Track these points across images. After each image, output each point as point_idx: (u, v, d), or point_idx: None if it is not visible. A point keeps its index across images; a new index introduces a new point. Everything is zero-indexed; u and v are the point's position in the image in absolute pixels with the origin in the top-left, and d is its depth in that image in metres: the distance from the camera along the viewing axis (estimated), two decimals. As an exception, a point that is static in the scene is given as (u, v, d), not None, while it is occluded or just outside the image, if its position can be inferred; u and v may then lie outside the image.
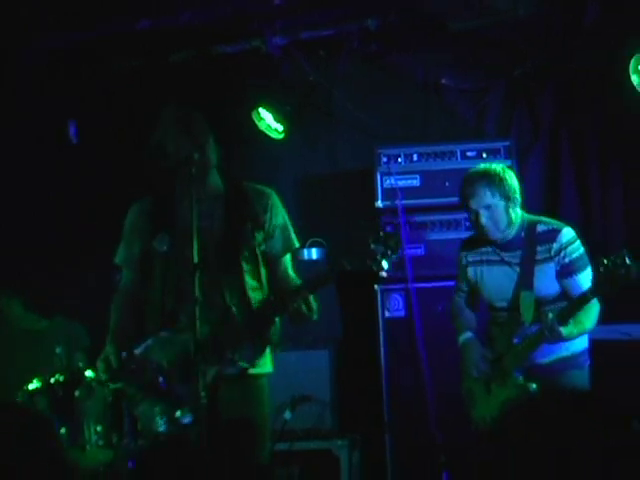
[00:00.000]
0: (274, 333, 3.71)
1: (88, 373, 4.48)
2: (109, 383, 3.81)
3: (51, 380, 4.48)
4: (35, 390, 4.49)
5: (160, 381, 3.53)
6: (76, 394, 4.41)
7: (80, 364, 4.65)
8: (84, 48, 5.50)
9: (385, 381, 5.23)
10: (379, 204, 5.34)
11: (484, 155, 5.24)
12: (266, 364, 3.74)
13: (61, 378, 4.49)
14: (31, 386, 4.50)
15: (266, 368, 3.75)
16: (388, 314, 5.28)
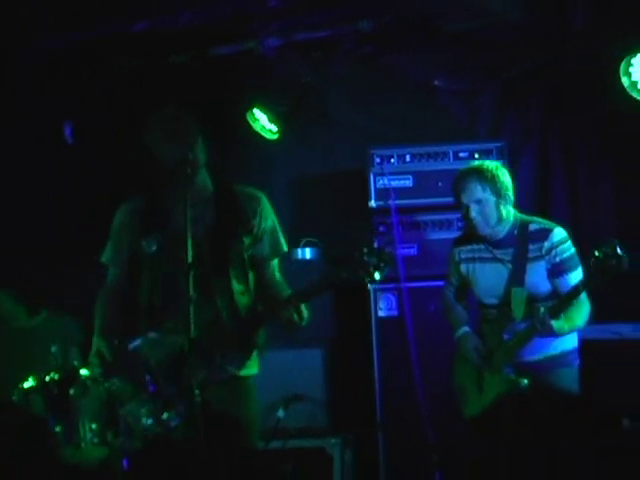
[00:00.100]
0: (261, 337, 3.71)
1: (83, 371, 4.50)
2: (103, 379, 3.81)
3: (46, 378, 4.49)
4: (30, 388, 4.49)
5: (148, 381, 3.54)
6: (71, 392, 4.41)
7: (75, 362, 4.66)
8: (84, 48, 5.48)
9: (378, 380, 5.24)
10: (372, 204, 5.36)
11: (476, 156, 5.25)
12: (252, 366, 3.75)
13: (56, 376, 4.48)
14: (26, 384, 4.49)
15: (252, 370, 3.75)
16: (381, 313, 5.30)
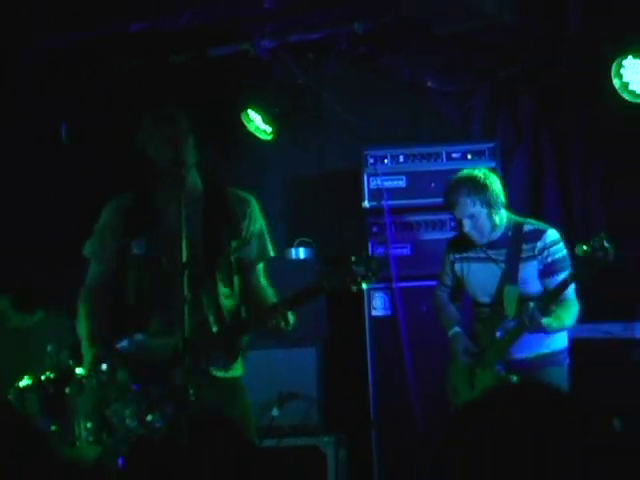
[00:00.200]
0: (244, 340, 3.68)
1: (78, 370, 4.52)
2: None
3: (42, 377, 4.50)
4: (26, 387, 4.51)
5: (134, 388, 3.52)
6: (67, 391, 4.44)
7: (70, 362, 4.67)
8: (84, 48, 5.47)
9: (371, 379, 5.26)
10: (366, 204, 5.36)
11: (469, 156, 5.27)
12: (237, 368, 3.70)
13: (52, 375, 4.50)
14: (22, 383, 4.51)
15: (237, 372, 3.70)
16: (375, 313, 5.31)
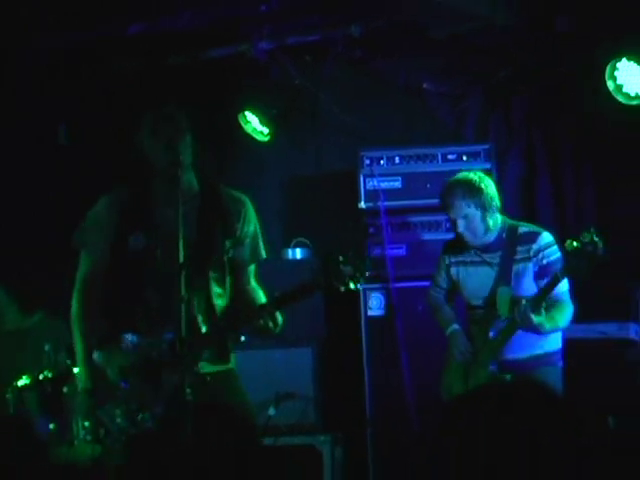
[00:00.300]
0: (234, 340, 3.66)
1: (76, 370, 4.54)
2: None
3: (40, 377, 4.53)
4: (24, 387, 4.54)
5: (123, 385, 3.52)
6: (64, 390, 4.46)
7: (68, 361, 4.70)
8: (84, 48, 5.47)
9: (367, 378, 5.28)
10: (362, 205, 5.39)
11: (464, 158, 5.29)
12: (229, 362, 3.68)
13: (49, 375, 4.54)
14: (20, 383, 4.55)
15: (228, 365, 3.68)
16: (370, 313, 5.33)
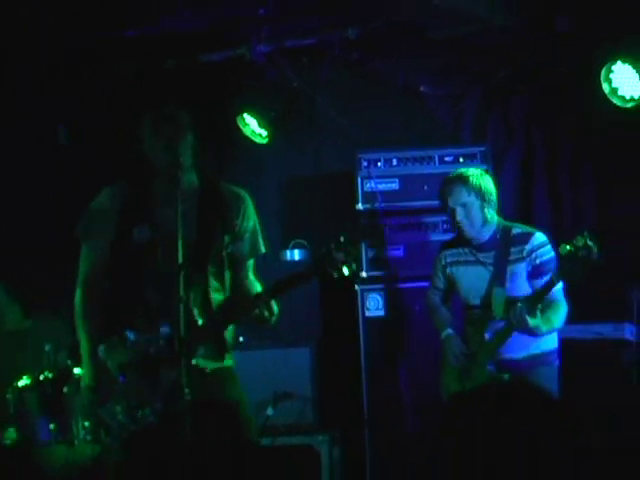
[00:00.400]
0: (229, 333, 3.67)
1: (76, 370, 4.57)
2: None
3: (40, 377, 4.56)
4: (24, 387, 4.57)
5: (121, 380, 3.51)
6: (64, 391, 4.49)
7: (68, 362, 4.72)
8: (84, 48, 5.48)
9: (365, 378, 5.30)
10: (359, 207, 5.40)
11: (461, 160, 5.31)
12: (227, 359, 3.68)
13: (50, 375, 4.56)
14: (20, 383, 4.58)
15: (227, 362, 3.68)
16: (368, 314, 5.34)
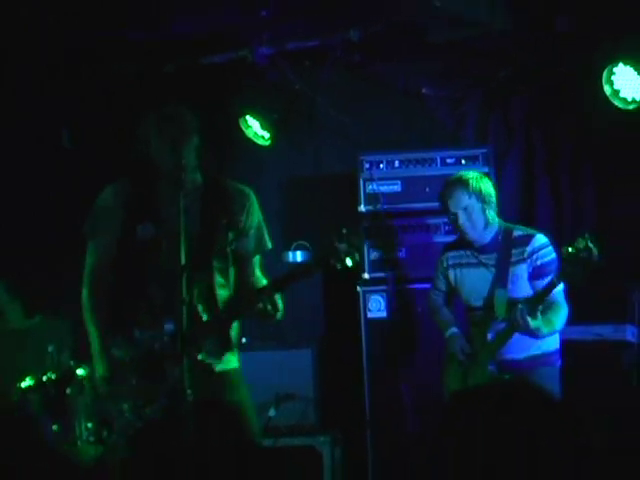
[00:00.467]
0: (234, 330, 3.69)
1: (79, 371, 4.59)
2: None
3: (43, 378, 4.57)
4: (28, 388, 4.58)
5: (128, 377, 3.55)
6: (67, 392, 4.51)
7: (71, 362, 4.74)
8: (84, 48, 5.48)
9: (367, 380, 5.31)
10: (362, 208, 5.42)
11: (463, 162, 5.33)
12: (232, 360, 3.71)
13: (53, 376, 4.57)
14: (24, 384, 4.58)
15: (233, 364, 3.71)
16: (370, 315, 5.35)
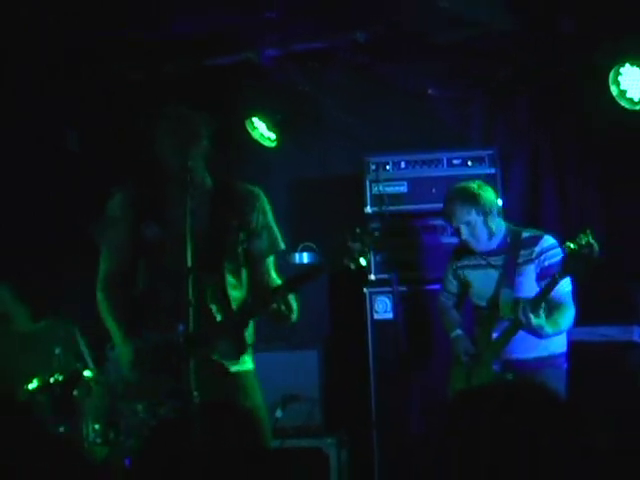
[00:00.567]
0: (249, 331, 3.69)
1: (86, 373, 4.60)
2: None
3: (50, 380, 4.58)
4: (35, 389, 4.59)
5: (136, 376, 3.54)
6: (75, 393, 4.52)
7: (78, 364, 4.76)
8: (84, 48, 5.47)
9: (373, 381, 5.32)
10: (368, 210, 5.41)
11: (469, 163, 5.33)
12: (247, 362, 3.72)
13: (60, 378, 4.59)
14: (31, 386, 4.60)
15: (247, 366, 3.72)
16: (377, 316, 5.36)
